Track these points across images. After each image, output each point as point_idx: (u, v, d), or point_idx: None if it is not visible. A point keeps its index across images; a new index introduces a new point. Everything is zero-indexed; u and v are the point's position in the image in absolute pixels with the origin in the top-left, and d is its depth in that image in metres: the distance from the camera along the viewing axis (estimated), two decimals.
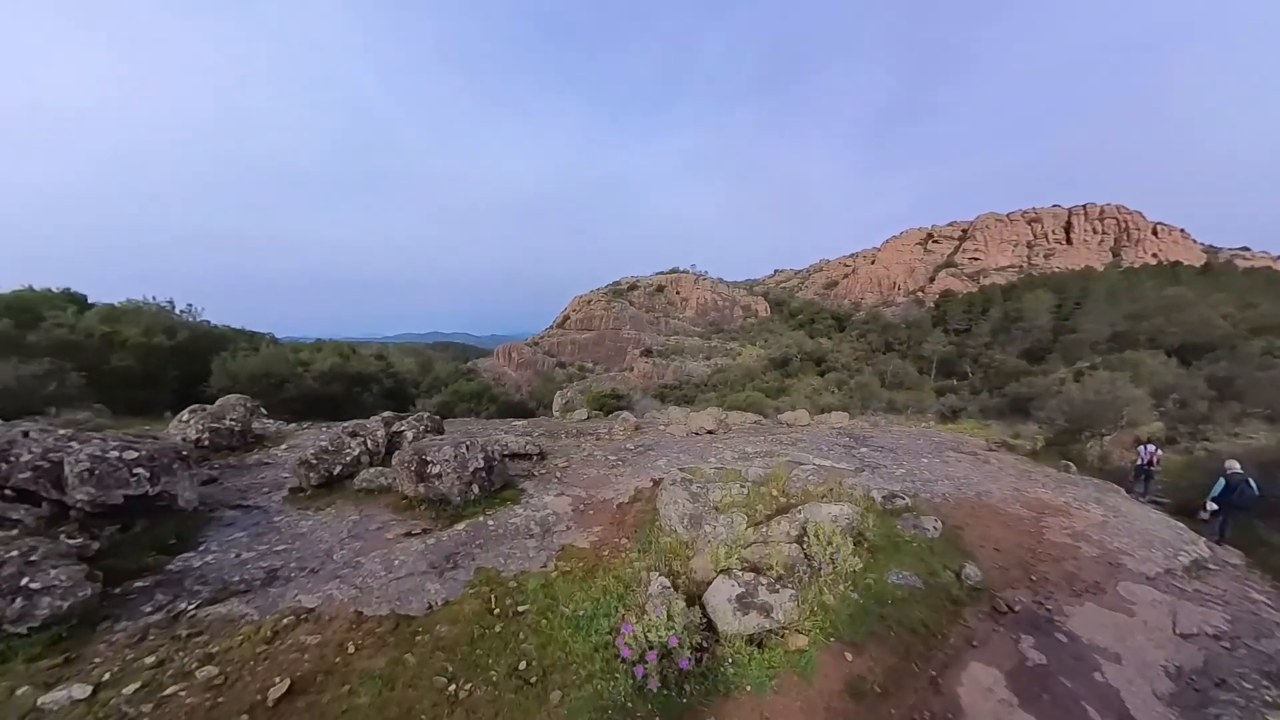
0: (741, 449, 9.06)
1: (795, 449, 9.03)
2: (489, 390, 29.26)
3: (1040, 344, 42.58)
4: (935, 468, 8.44)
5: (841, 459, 8.53)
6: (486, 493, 6.43)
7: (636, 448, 9.52)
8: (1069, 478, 8.66)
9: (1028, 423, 19.30)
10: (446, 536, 5.41)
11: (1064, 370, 24.21)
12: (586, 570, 4.79)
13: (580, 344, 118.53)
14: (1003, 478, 8.07)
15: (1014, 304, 49.47)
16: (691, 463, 8.33)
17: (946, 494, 6.97)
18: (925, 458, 9.08)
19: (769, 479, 6.67)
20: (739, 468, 7.80)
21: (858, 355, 72.12)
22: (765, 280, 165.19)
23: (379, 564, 4.86)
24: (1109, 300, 42.47)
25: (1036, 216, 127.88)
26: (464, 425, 14.13)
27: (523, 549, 5.22)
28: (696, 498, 5.57)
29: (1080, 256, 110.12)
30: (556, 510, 6.22)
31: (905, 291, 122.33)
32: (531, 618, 4.08)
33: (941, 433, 14.97)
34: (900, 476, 7.66)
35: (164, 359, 16.02)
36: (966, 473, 8.18)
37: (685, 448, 9.54)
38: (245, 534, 5.52)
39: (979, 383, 34.03)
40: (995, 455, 10.14)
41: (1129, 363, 18.94)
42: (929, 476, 7.79)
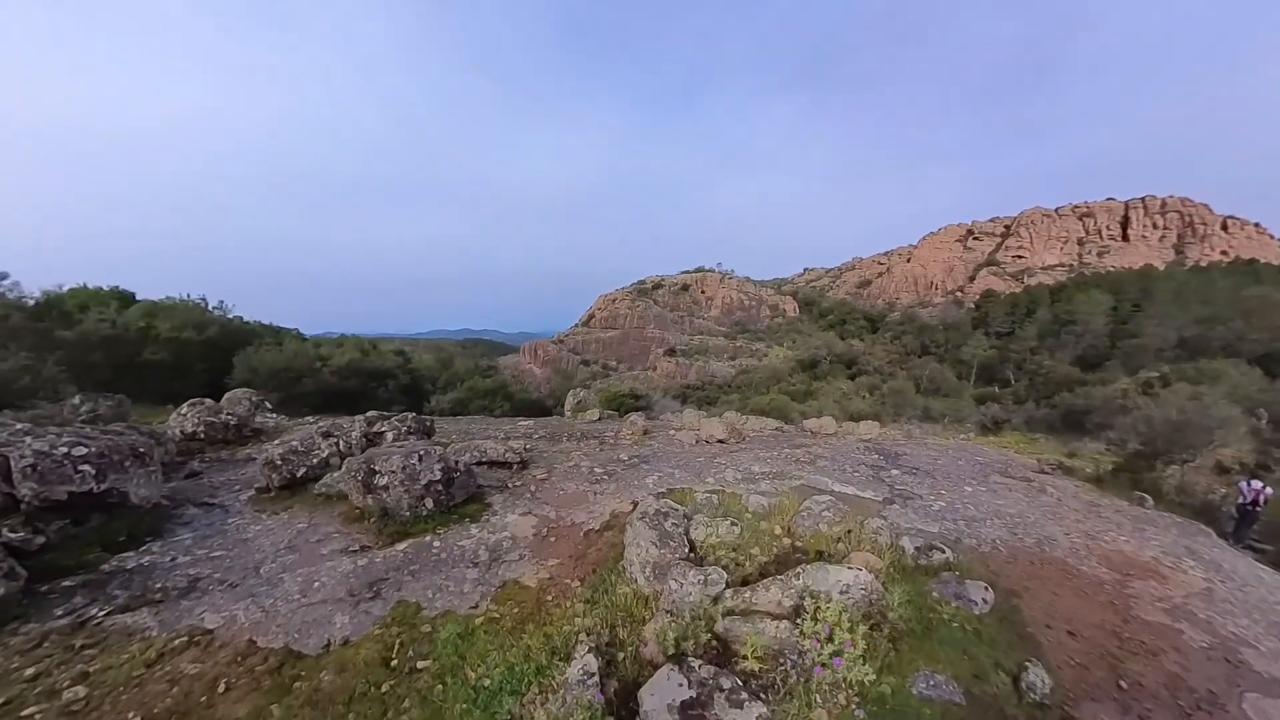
0: (748, 467, 7.88)
1: (813, 468, 7.81)
2: (504, 388, 29.06)
3: (1095, 350, 39.12)
4: (982, 499, 7.04)
5: (867, 484, 7.25)
6: (443, 507, 5.88)
7: (630, 459, 8.61)
8: (1145, 514, 7.15)
9: (1084, 439, 17.28)
10: (381, 558, 4.93)
11: (1126, 380, 21.80)
12: (518, 620, 4.02)
13: (605, 342, 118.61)
14: (1066, 515, 6.65)
15: (1064, 305, 45.83)
16: (685, 481, 7.32)
17: (998, 540, 5.60)
18: (969, 484, 7.68)
19: (773, 511, 5.52)
20: (741, 491, 6.66)
21: (891, 358, 68.94)
22: (794, 279, 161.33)
23: (297, 585, 4.45)
24: (1176, 301, 38.65)
25: (1089, 211, 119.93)
26: (467, 424, 13.75)
27: (459, 581, 4.62)
28: (666, 539, 4.48)
29: (1138, 254, 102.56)
30: (515, 534, 5.56)
31: (944, 291, 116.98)
32: (427, 680, 3.44)
33: (984, 448, 13.36)
34: (939, 513, 6.35)
35: (193, 352, 16.81)
36: (1021, 507, 6.78)
37: (686, 460, 8.51)
38: (192, 536, 5.33)
39: (1024, 391, 31.40)
40: (1051, 481, 8.65)
41: (1207, 373, 16.63)
42: (974, 513, 6.43)
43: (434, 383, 27.90)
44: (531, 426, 13.50)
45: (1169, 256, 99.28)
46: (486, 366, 45.87)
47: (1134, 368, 27.28)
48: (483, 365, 45.08)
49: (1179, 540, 6.04)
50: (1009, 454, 12.65)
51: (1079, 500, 7.51)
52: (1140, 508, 7.58)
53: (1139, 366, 27.01)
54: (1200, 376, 16.18)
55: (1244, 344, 25.39)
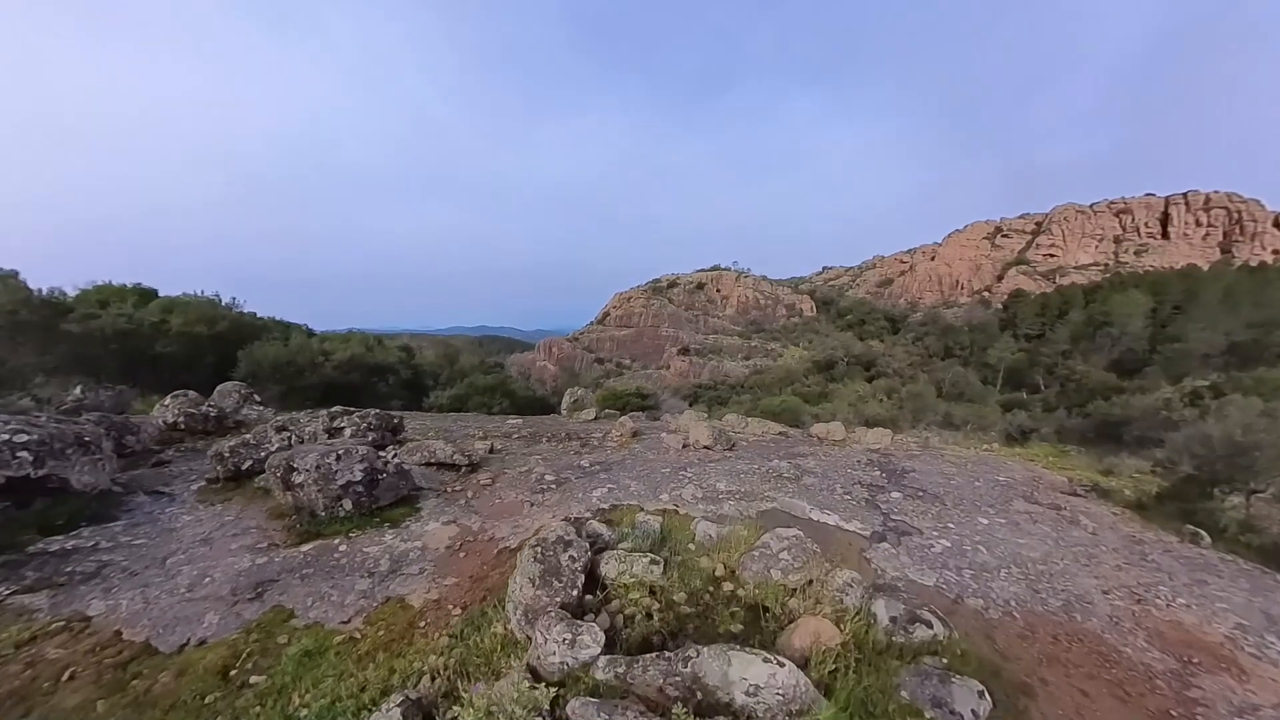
0: (713, 484, 6.76)
1: (795, 487, 6.68)
2: (504, 385, 28.67)
3: (1133, 354, 36.53)
4: (998, 536, 5.72)
5: (856, 512, 6.03)
6: (365, 510, 5.71)
7: (591, 466, 7.86)
8: (1203, 557, 5.83)
9: (1121, 454, 15.63)
10: (281, 558, 4.82)
11: (1169, 389, 19.90)
12: (377, 645, 3.68)
13: (619, 340, 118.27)
14: (1104, 559, 5.29)
15: (1099, 306, 43.10)
16: (639, 496, 6.40)
17: (1013, 602, 4.33)
18: (985, 513, 6.34)
19: (722, 544, 4.48)
20: (697, 513, 5.71)
21: (912, 361, 66.43)
22: (812, 278, 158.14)
23: (191, 579, 4.46)
24: (1225, 303, 35.80)
25: (1126, 207, 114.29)
26: (450, 421, 13.45)
27: (344, 591, 4.37)
28: (551, 577, 3.60)
29: (1180, 253, 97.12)
30: (427, 544, 5.21)
31: (969, 291, 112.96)
32: (251, 698, 3.20)
33: (1009, 460, 11.99)
34: (939, 557, 5.10)
35: (203, 346, 17.56)
36: (1047, 548, 5.46)
37: (650, 471, 7.60)
38: (124, 523, 5.43)
39: (1055, 398, 29.39)
40: (1085, 508, 7.36)
41: (1268, 383, 14.78)
42: (986, 558, 5.14)
43: (436, 378, 27.89)
44: (519, 425, 12.96)
45: (1214, 256, 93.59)
46: (493, 363, 45.63)
47: (1177, 375, 25.11)
48: (489, 362, 44.86)
49: (1253, 602, 4.69)
50: (1036, 469, 11.28)
51: (1118, 536, 6.22)
52: (1195, 546, 6.25)
53: (1182, 374, 24.84)
54: (1259, 387, 14.36)
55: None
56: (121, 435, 7.46)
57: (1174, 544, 6.23)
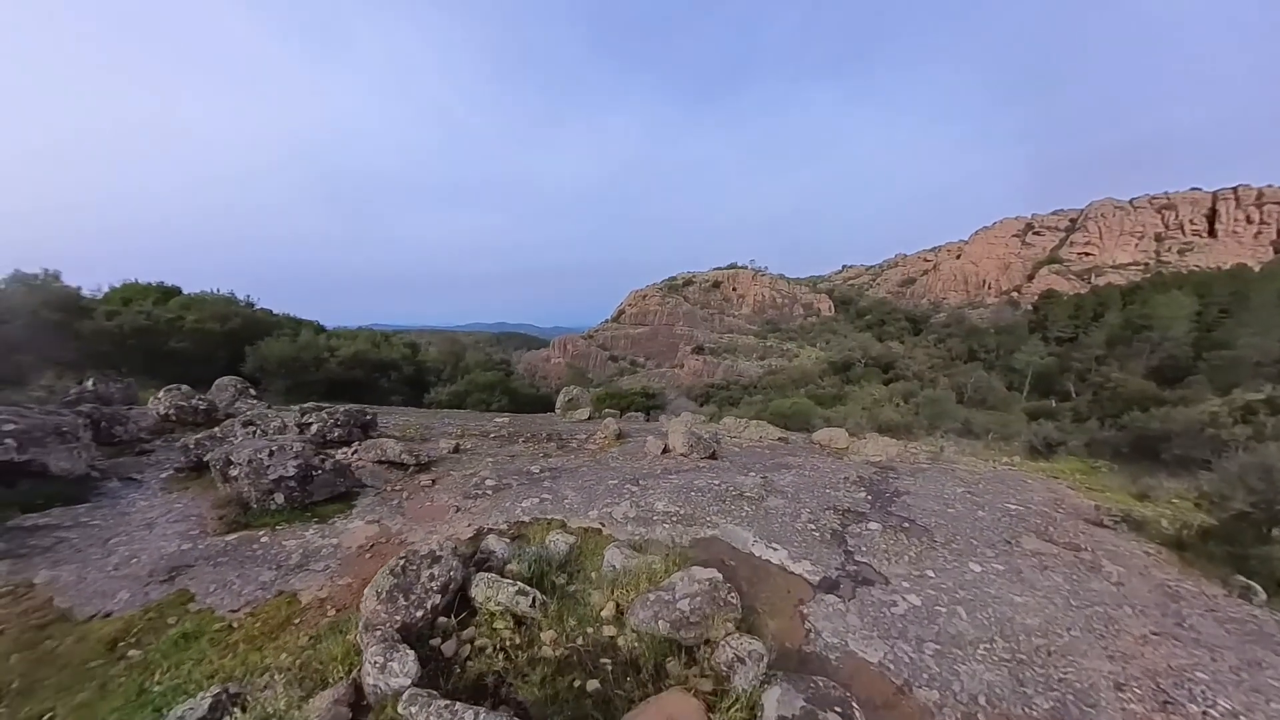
0: (651, 503, 5.98)
1: (754, 510, 5.83)
2: (504, 382, 28.88)
3: (1175, 362, 34.09)
4: (989, 592, 4.53)
5: (814, 548, 4.99)
6: (297, 504, 5.84)
7: (540, 472, 7.40)
8: (1256, 623, 4.73)
9: (1160, 474, 14.25)
10: (205, 545, 5.07)
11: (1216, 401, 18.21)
12: (249, 636, 3.82)
13: (634, 339, 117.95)
14: (1126, 628, 4.14)
15: (1138, 308, 40.50)
16: (572, 509, 5.88)
17: (984, 696, 3.25)
18: (980, 557, 5.18)
19: (625, 578, 3.90)
20: (625, 534, 5.11)
21: (933, 363, 64.04)
22: (831, 277, 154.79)
23: (120, 557, 4.78)
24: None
25: (1169, 203, 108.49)
26: (430, 418, 13.15)
27: (247, 581, 4.52)
28: (400, 594, 3.48)
29: (1228, 252, 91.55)
30: (344, 542, 5.21)
31: (998, 291, 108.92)
32: (122, 669, 3.52)
33: (1030, 477, 10.88)
34: (900, 619, 3.97)
35: (216, 342, 18.30)
36: (1052, 610, 4.30)
37: (600, 480, 6.97)
38: (90, 505, 5.77)
39: (1086, 407, 27.57)
40: (1112, 545, 6.32)
41: None
42: (963, 625, 3.97)
43: (439, 375, 28.30)
44: (505, 423, 12.56)
45: (1266, 255, 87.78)
46: (499, 360, 45.55)
47: (1225, 386, 23.14)
48: (495, 359, 44.82)
49: None
50: (1060, 489, 10.16)
51: (1150, 587, 5.18)
52: (1246, 605, 5.20)
53: (1231, 385, 22.86)
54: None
55: None
56: (111, 425, 7.89)
57: (1219, 599, 5.17)
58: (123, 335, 16.03)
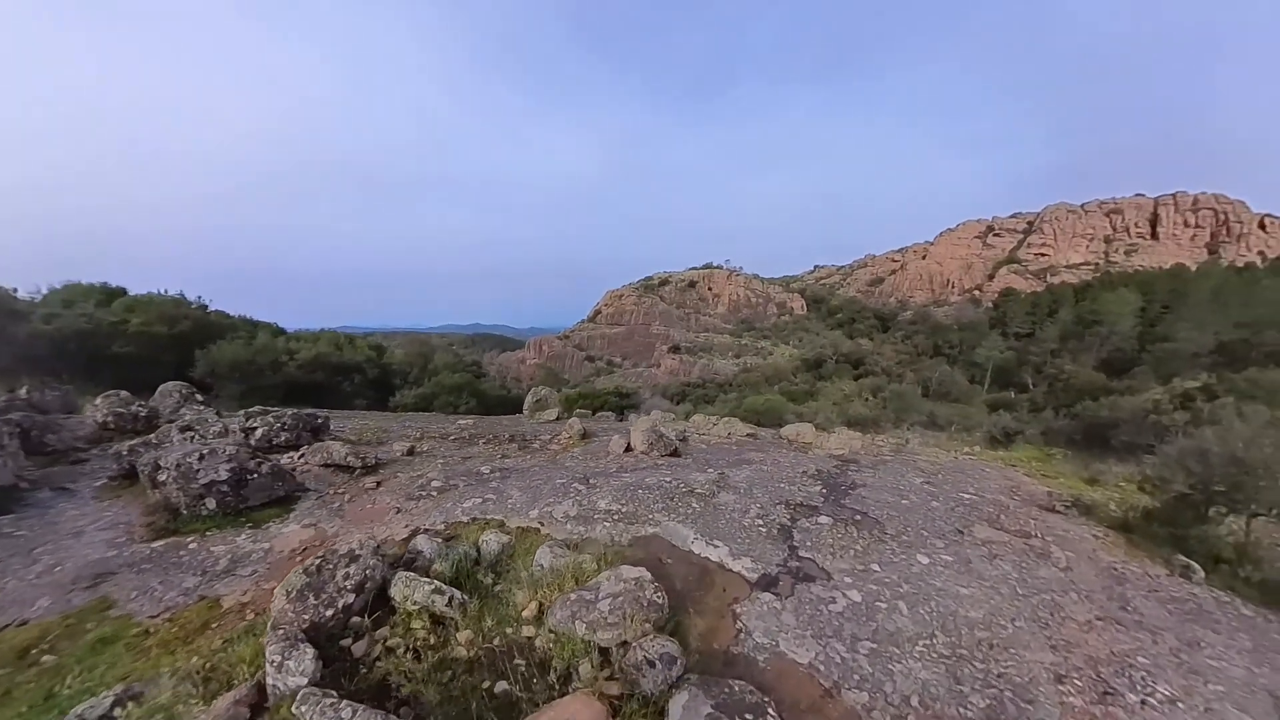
0: (593, 502, 5.75)
1: (702, 506, 5.66)
2: (473, 384, 28.30)
3: (1122, 354, 35.96)
4: (934, 584, 4.40)
5: (758, 543, 4.82)
6: (230, 510, 5.67)
7: (491, 472, 7.27)
8: (1196, 601, 4.82)
9: (1109, 459, 14.80)
10: (130, 552, 4.97)
11: (1159, 390, 19.17)
12: (162, 640, 3.76)
13: (610, 339, 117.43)
14: (1071, 615, 4.14)
15: (1089, 305, 42.59)
16: (516, 508, 5.69)
17: (917, 696, 3.10)
18: (929, 548, 5.09)
19: (553, 578, 3.79)
20: (564, 533, 4.98)
21: (901, 359, 65.88)
22: (804, 277, 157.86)
23: (44, 566, 4.73)
24: (1213, 303, 35.28)
25: (1116, 207, 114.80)
26: (389, 421, 12.82)
27: (170, 587, 4.44)
28: (309, 591, 3.36)
29: (1168, 253, 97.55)
30: (276, 546, 5.07)
31: (960, 290, 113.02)
32: (32, 675, 3.42)
33: (988, 466, 11.08)
34: (837, 616, 3.76)
35: (162, 346, 17.43)
36: (998, 601, 4.20)
37: (550, 480, 6.75)
38: (15, 515, 5.65)
39: (1042, 398, 28.70)
40: (1063, 530, 6.40)
41: (1263, 385, 13.98)
42: (903, 621, 3.79)
43: (405, 377, 27.52)
44: (469, 425, 12.25)
45: (1201, 256, 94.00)
46: (470, 362, 44.56)
47: (1166, 375, 24.45)
48: (466, 360, 43.81)
49: (1257, 677, 3.56)
50: (1017, 476, 10.37)
51: (1097, 571, 5.20)
52: (1186, 583, 5.28)
53: (1172, 374, 24.17)
54: (1253, 389, 13.57)
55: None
56: (43, 434, 7.73)
57: (1162, 579, 5.23)
58: (62, 339, 15.22)
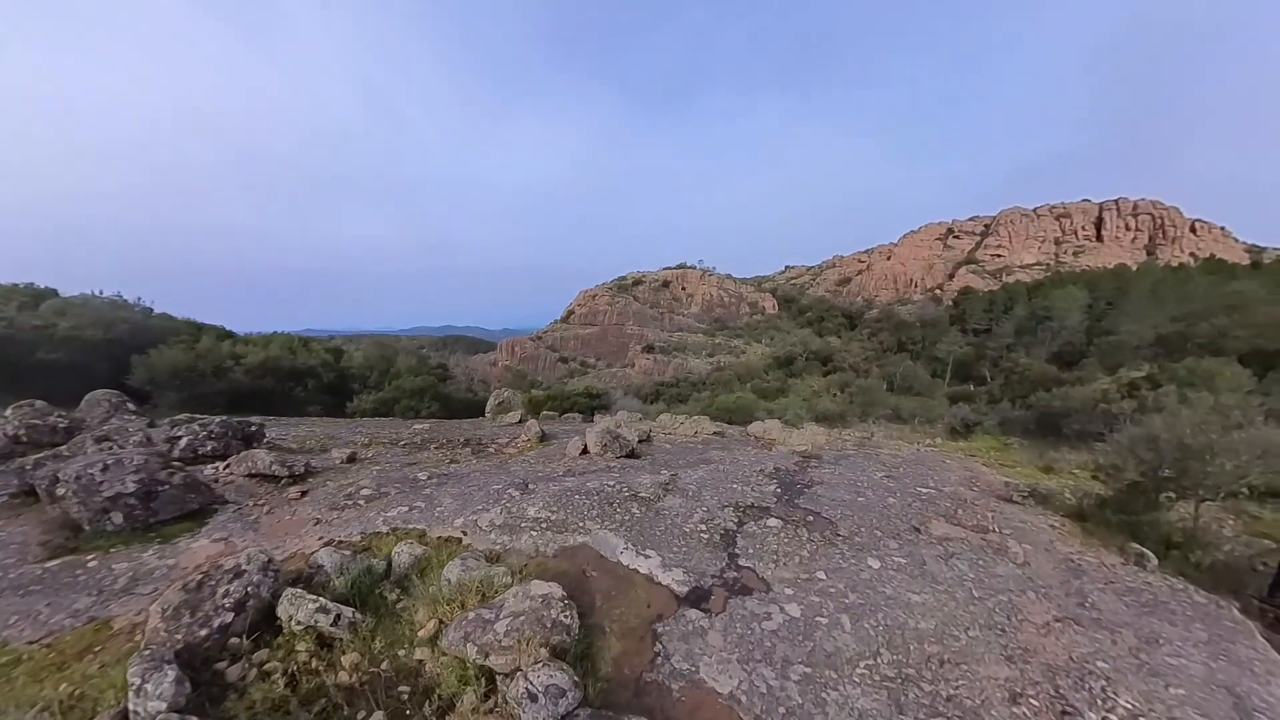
0: (522, 509, 5.37)
1: (644, 512, 5.22)
2: (434, 387, 27.34)
3: (1072, 347, 37.66)
4: (883, 591, 4.02)
5: (695, 552, 4.40)
6: (139, 524, 5.26)
7: (429, 478, 6.85)
8: (1151, 591, 4.64)
9: (1062, 447, 15.11)
10: (18, 573, 4.52)
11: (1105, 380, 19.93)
12: (35, 667, 3.35)
13: (584, 339, 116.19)
14: (1028, 615, 3.85)
15: (1041, 301, 44.51)
16: (444, 515, 5.31)
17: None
18: (883, 548, 4.73)
19: (459, 593, 3.44)
20: (487, 543, 4.61)
21: (867, 355, 67.48)
22: (775, 277, 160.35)
23: None
24: (1152, 298, 37.32)
25: (1065, 212, 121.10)
26: (349, 426, 12.44)
27: (59, 609, 4.08)
28: (184, 609, 3.17)
29: (1112, 254, 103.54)
30: (181, 563, 4.72)
31: (923, 289, 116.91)
32: None
33: (948, 457, 11.01)
34: (770, 635, 3.42)
35: (97, 351, 16.28)
36: (951, 608, 3.84)
37: (486, 485, 6.36)
38: None
39: (999, 390, 29.60)
40: (1020, 521, 6.22)
41: (1199, 373, 14.63)
42: (844, 639, 3.43)
43: (365, 381, 26.28)
44: (424, 429, 11.70)
45: (1141, 257, 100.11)
46: (435, 365, 43.08)
47: (1112, 366, 25.58)
48: (431, 363, 42.33)
49: (1214, 671, 3.30)
50: (976, 466, 10.31)
51: (1054, 563, 4.97)
52: (1141, 571, 5.13)
53: (1117, 364, 25.30)
54: (1192, 377, 14.20)
55: (1226, 341, 23.78)
56: None
57: (1118, 569, 5.06)
58: None
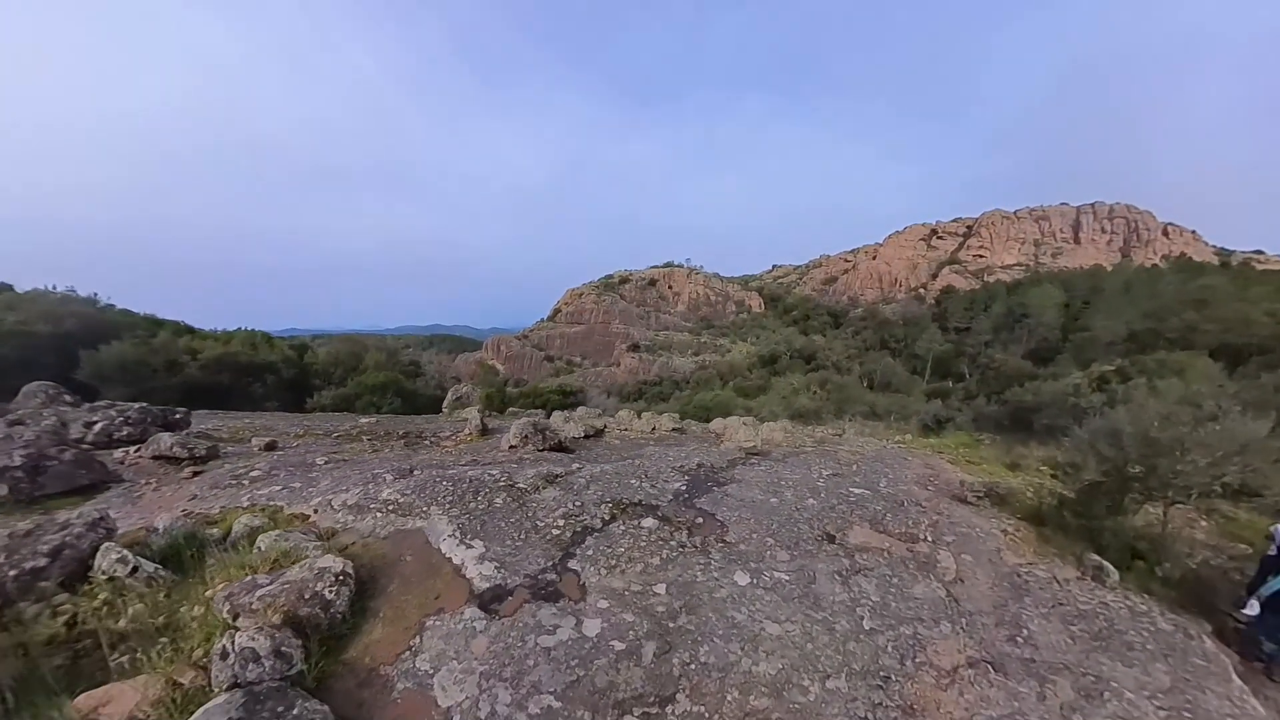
0: (378, 493, 5.30)
1: (504, 500, 4.98)
2: (397, 383, 26.96)
3: (1048, 343, 37.83)
4: (735, 614, 3.39)
5: (527, 547, 4.11)
6: (26, 496, 5.42)
7: (326, 463, 7.03)
8: (1108, 616, 3.88)
9: (1031, 443, 14.60)
10: None
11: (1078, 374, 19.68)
12: None
13: (569, 338, 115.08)
14: (935, 659, 3.10)
15: (1018, 299, 44.76)
16: (300, 498, 5.43)
17: None
18: (763, 562, 3.92)
19: (256, 562, 3.54)
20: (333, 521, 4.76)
21: (850, 354, 67.59)
22: (762, 276, 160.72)
23: None
24: (1125, 295, 37.64)
25: (1044, 214, 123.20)
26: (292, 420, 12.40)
27: None
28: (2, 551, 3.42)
29: (1089, 256, 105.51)
30: None
31: (907, 288, 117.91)
32: None
33: (912, 454, 10.42)
34: (530, 658, 2.91)
35: (43, 346, 16.37)
36: (826, 641, 3.09)
37: (373, 471, 6.33)
38: None
39: (975, 386, 29.44)
40: (966, 527, 5.52)
41: (1170, 366, 14.31)
42: (630, 675, 2.80)
43: (329, 378, 25.88)
44: (369, 424, 11.74)
45: (1116, 259, 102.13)
46: (408, 362, 42.00)
47: (1085, 361, 25.49)
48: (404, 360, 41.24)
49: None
50: (939, 464, 9.73)
51: (994, 581, 4.22)
52: (1099, 587, 4.46)
53: (1090, 360, 25.22)
54: (1162, 370, 13.88)
55: (1196, 335, 23.80)
56: None
57: (1071, 585, 4.39)
58: None
